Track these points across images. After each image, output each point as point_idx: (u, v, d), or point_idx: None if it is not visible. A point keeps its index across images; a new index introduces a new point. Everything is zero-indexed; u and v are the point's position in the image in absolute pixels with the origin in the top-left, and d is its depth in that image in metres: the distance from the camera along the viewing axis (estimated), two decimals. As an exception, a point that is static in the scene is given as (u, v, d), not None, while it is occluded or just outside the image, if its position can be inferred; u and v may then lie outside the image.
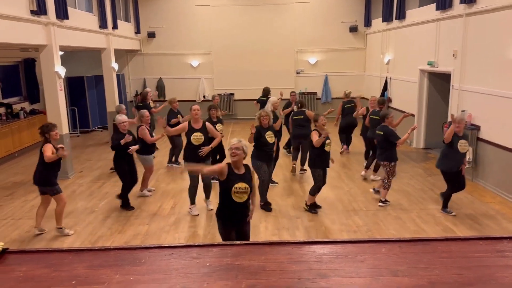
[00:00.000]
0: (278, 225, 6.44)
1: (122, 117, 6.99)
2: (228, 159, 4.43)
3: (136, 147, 6.95)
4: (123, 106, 9.03)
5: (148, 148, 7.46)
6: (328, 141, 6.57)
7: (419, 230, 6.17)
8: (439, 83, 10.65)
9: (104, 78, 12.66)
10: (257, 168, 6.67)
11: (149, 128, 7.51)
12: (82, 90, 14.27)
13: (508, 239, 2.83)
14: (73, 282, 2.42)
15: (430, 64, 10.16)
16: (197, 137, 6.55)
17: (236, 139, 4.35)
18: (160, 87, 16.24)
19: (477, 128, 8.19)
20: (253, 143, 6.70)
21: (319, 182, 6.77)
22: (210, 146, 6.65)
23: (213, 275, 2.48)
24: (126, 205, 7.15)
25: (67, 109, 10.01)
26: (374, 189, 7.66)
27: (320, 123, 6.66)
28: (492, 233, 5.94)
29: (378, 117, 7.80)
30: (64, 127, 9.02)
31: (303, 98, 16.10)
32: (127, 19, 15.10)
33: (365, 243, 2.85)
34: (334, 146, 10.98)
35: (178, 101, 9.76)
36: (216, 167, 4.46)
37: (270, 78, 15.81)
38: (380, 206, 7.05)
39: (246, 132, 8.57)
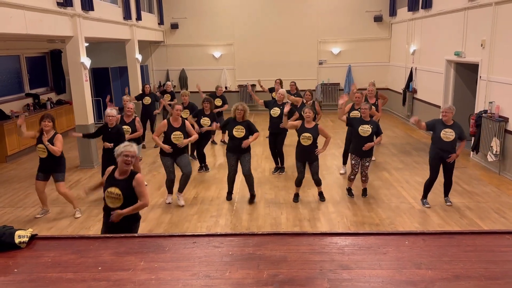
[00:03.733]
0: (299, 216, 6.44)
1: (111, 111, 6.86)
2: None
3: (108, 144, 6.72)
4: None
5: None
6: (306, 134, 6.53)
7: (443, 224, 6.07)
8: (466, 74, 10.38)
9: (128, 69, 12.83)
10: (227, 158, 6.97)
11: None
12: (107, 81, 14.49)
13: (537, 233, 2.76)
14: (99, 268, 2.49)
15: (457, 54, 9.90)
16: (177, 136, 6.57)
17: (127, 143, 4.12)
18: (183, 78, 16.35)
19: (505, 120, 7.96)
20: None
21: (298, 173, 6.88)
22: (189, 139, 6.72)
23: (235, 264, 2.50)
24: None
25: (92, 100, 10.20)
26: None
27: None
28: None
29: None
30: (89, 117, 9.20)
31: (326, 89, 16.05)
32: (150, 11, 15.22)
33: (388, 236, 2.82)
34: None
35: (204, 91, 9.88)
36: (103, 178, 4.29)
37: (292, 69, 15.72)
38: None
39: (267, 124, 8.58)
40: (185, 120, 6.87)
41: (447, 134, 6.29)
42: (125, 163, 4.02)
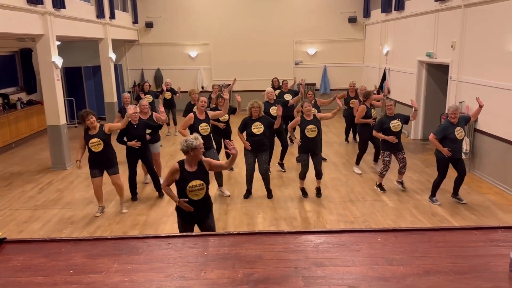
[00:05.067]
0: (275, 216, 6.47)
1: (134, 108, 6.85)
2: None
3: (134, 143, 6.72)
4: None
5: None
6: (310, 126, 6.73)
7: (416, 221, 6.21)
8: (437, 74, 10.64)
9: (101, 69, 12.61)
10: (245, 156, 7.03)
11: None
12: (80, 81, 14.21)
13: (503, 228, 2.86)
14: (71, 271, 2.44)
15: (428, 55, 10.14)
16: (204, 128, 6.81)
17: (193, 136, 4.24)
18: (158, 78, 16.19)
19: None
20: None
21: (303, 166, 7.05)
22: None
23: (210, 264, 2.50)
24: (131, 193, 7.22)
25: (64, 100, 9.98)
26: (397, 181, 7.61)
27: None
28: (487, 223, 5.98)
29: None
30: (61, 117, 9.00)
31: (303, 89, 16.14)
32: (124, 9, 14.99)
33: (361, 233, 2.87)
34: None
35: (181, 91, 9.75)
36: (168, 174, 4.33)
37: (268, 69, 15.76)
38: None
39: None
40: (208, 112, 7.08)
41: (460, 132, 6.45)
42: (201, 153, 4.22)
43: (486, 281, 2.28)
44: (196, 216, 4.33)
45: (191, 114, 6.87)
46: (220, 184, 7.35)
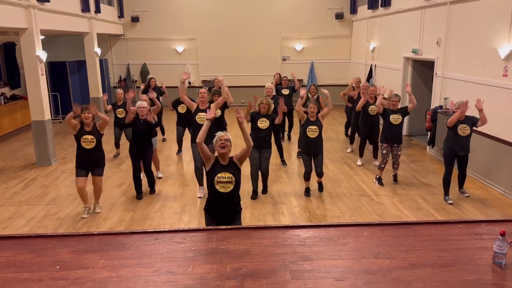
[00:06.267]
0: (263, 211, 6.49)
1: (141, 102, 6.86)
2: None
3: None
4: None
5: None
6: (312, 127, 6.75)
7: (401, 215, 6.29)
8: (422, 71, 10.75)
9: (86, 63, 12.47)
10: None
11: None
12: (64, 75, 13.99)
13: (486, 222, 2.92)
14: (57, 267, 2.42)
15: (414, 51, 10.24)
16: (202, 117, 6.81)
17: (223, 132, 4.29)
18: (144, 73, 16.04)
19: (459, 115, 8.31)
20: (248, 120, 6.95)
21: (305, 167, 7.03)
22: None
23: (198, 259, 2.50)
24: (136, 191, 7.11)
25: (49, 95, 9.84)
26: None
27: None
28: (471, 217, 6.08)
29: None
30: (46, 113, 8.86)
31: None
32: (110, 3, 14.80)
33: (347, 227, 2.90)
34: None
35: (166, 87, 9.75)
36: (207, 151, 4.33)
37: (256, 64, 15.75)
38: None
39: (234, 119, 8.55)
40: (211, 104, 7.00)
41: (464, 130, 6.49)
42: (221, 147, 4.16)
43: (470, 273, 2.33)
44: (222, 215, 4.27)
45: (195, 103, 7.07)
46: (201, 184, 7.18)
